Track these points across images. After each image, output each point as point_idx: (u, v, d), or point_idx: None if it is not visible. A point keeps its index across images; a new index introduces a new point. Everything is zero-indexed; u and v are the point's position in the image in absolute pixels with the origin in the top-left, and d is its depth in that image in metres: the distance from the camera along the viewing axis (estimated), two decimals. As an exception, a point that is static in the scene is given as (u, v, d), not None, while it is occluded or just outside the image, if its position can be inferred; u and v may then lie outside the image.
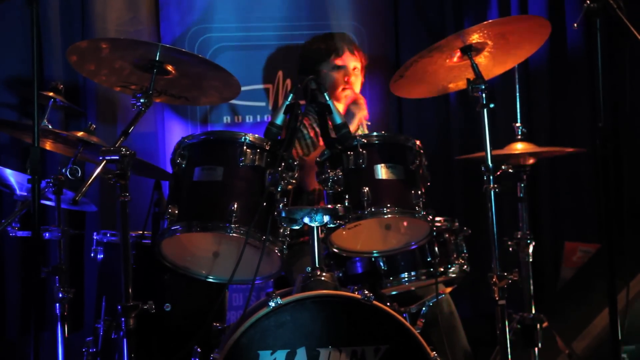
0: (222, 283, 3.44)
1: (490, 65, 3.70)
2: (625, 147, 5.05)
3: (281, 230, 3.28)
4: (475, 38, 3.48)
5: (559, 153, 4.54)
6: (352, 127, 4.09)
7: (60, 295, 3.64)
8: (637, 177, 5.18)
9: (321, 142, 3.89)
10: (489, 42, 3.52)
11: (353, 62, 4.48)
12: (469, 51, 3.50)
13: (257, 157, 3.27)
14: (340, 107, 4.45)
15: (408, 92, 4.07)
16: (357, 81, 4.51)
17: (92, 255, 3.80)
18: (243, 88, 3.92)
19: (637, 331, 4.24)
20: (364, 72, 4.57)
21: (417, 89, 3.93)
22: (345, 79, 4.44)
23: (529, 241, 4.09)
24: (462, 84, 3.48)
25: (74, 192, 3.14)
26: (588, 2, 3.32)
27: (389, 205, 3.28)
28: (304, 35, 4.79)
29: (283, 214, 3.18)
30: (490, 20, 3.54)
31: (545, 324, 4.07)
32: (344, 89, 4.44)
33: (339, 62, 4.46)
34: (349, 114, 4.23)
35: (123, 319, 3.04)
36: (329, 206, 3.21)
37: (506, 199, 4.13)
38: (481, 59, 3.62)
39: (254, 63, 4.99)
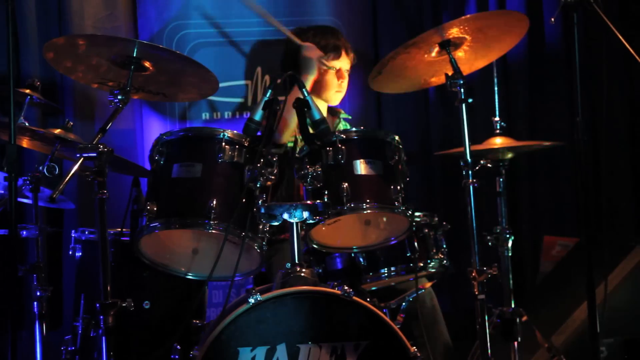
0: (202, 280, 3.43)
1: (472, 59, 3.71)
2: (603, 140, 5.07)
3: (261, 227, 3.27)
4: (453, 33, 3.48)
5: (537, 147, 4.56)
6: None
7: (38, 293, 3.63)
8: (615, 170, 5.22)
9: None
10: (468, 37, 3.53)
11: (346, 64, 4.38)
12: (448, 46, 3.50)
13: (235, 153, 3.25)
14: (324, 106, 4.41)
15: (388, 87, 4.08)
16: (346, 84, 4.40)
17: (71, 253, 3.78)
18: (222, 84, 3.91)
19: (615, 324, 4.27)
20: (350, 71, 4.46)
21: (397, 84, 3.93)
22: (339, 82, 4.33)
23: (508, 235, 4.10)
24: (443, 78, 3.49)
25: (52, 190, 3.12)
26: (565, -4, 3.34)
27: (368, 200, 3.27)
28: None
29: (262, 210, 3.18)
30: (467, 16, 3.55)
31: (524, 318, 4.08)
32: (336, 92, 4.35)
33: (336, 63, 4.33)
34: None
35: (102, 317, 3.02)
36: (309, 202, 3.21)
37: (485, 194, 4.14)
38: (461, 53, 3.63)
39: (232, 59, 4.97)
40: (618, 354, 4.35)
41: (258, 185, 3.22)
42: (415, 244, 3.67)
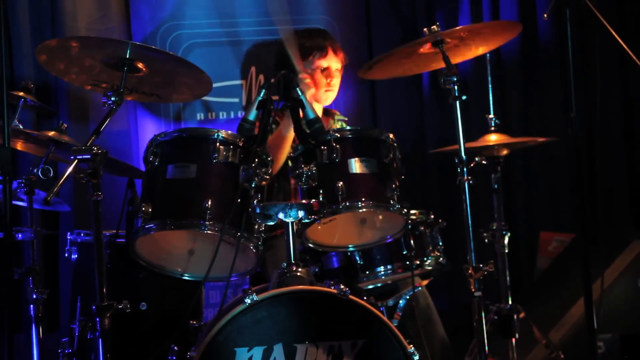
0: (198, 281, 3.43)
1: (465, 50, 3.72)
2: (597, 135, 5.08)
3: (256, 227, 3.27)
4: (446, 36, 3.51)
5: (532, 143, 4.57)
6: None
7: (35, 296, 3.61)
8: (609, 165, 5.22)
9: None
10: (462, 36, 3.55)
11: (335, 64, 4.31)
12: (441, 44, 3.50)
13: (230, 153, 3.25)
14: (320, 108, 4.39)
15: (377, 75, 4.08)
16: (337, 83, 4.34)
17: (67, 255, 3.77)
18: (216, 84, 3.91)
19: (613, 320, 4.28)
20: (342, 71, 4.41)
21: (388, 72, 3.96)
22: (328, 81, 4.26)
23: (504, 232, 4.11)
24: (435, 66, 3.51)
25: (47, 193, 3.11)
26: (558, -8, 3.35)
27: (363, 199, 3.27)
28: (276, 30, 4.76)
29: (257, 210, 3.17)
30: (459, 27, 3.57)
31: (522, 315, 4.09)
32: (326, 91, 4.29)
33: (323, 62, 4.27)
34: None
35: (98, 319, 3.02)
36: (304, 201, 3.20)
37: (481, 191, 4.14)
38: (454, 45, 3.64)
39: (226, 59, 4.97)
40: (616, 349, 4.36)
41: (253, 185, 3.22)
42: (411, 241, 3.67)
